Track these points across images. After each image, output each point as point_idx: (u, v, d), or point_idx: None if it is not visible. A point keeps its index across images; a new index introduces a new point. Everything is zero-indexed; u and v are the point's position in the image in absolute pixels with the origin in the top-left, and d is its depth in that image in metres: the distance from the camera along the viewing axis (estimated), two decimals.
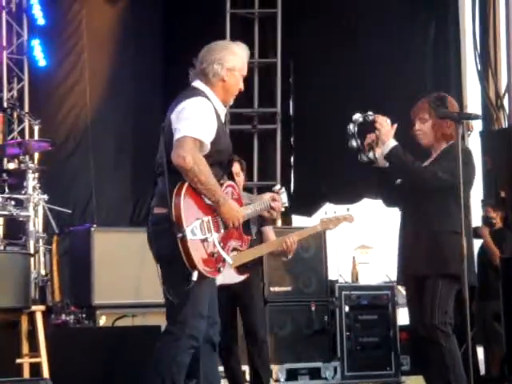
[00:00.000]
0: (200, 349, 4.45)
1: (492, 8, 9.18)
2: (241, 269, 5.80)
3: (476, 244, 8.00)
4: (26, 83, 9.40)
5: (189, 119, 4.30)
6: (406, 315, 5.47)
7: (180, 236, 4.19)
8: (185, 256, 4.21)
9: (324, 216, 5.96)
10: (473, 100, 9.30)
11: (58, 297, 7.24)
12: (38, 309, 5.78)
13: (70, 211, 8.23)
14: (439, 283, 5.00)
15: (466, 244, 4.71)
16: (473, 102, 9.28)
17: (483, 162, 8.48)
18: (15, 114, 9.16)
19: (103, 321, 7.17)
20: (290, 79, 10.90)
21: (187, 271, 4.22)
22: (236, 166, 5.93)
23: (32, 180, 7.04)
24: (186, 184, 4.27)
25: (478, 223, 8.32)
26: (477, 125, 8.85)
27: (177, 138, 4.27)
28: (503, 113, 9.05)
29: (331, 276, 8.24)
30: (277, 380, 7.65)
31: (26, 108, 9.24)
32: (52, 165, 8.24)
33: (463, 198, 4.74)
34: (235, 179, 4.72)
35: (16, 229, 7.29)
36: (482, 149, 8.55)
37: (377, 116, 5.08)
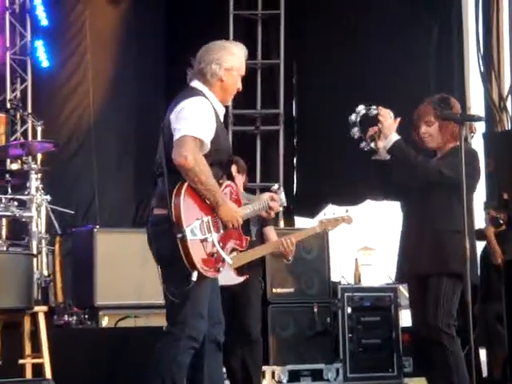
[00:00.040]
0: (204, 349, 4.45)
1: (495, 9, 9.17)
2: (240, 270, 5.80)
3: (479, 246, 7.99)
4: (29, 84, 9.39)
5: (188, 119, 4.29)
6: (409, 317, 5.47)
7: (180, 236, 4.19)
8: (184, 256, 4.21)
9: (323, 217, 5.94)
10: (476, 102, 9.29)
11: (61, 297, 7.24)
12: (41, 309, 5.78)
13: (73, 212, 8.23)
14: (443, 282, 4.98)
15: (469, 243, 4.71)
16: (476, 104, 9.27)
17: (486, 164, 8.47)
18: (18, 115, 9.15)
19: (106, 322, 7.17)
20: (293, 80, 10.88)
21: (187, 271, 4.22)
22: (232, 168, 5.91)
23: (35, 181, 7.04)
24: (186, 184, 4.26)
25: (481, 225, 8.29)
26: (480, 126, 8.85)
27: (177, 138, 4.26)
28: (506, 114, 9.03)
29: (334, 277, 8.23)
30: (279, 381, 7.64)
31: (29, 109, 9.23)
32: (55, 165, 8.24)
33: (466, 199, 4.73)
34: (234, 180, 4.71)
35: (19, 229, 7.29)
36: (485, 151, 8.54)
37: (380, 108, 5.05)
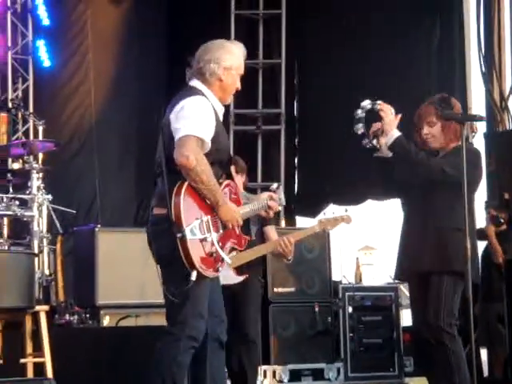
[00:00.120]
0: (207, 347, 4.45)
1: (497, 9, 9.17)
2: (240, 269, 5.80)
3: (480, 245, 7.99)
4: (31, 83, 9.41)
5: (189, 118, 4.28)
6: (410, 316, 5.47)
7: (179, 236, 4.18)
8: (184, 256, 4.20)
9: (322, 217, 5.94)
10: (477, 102, 9.30)
11: (62, 297, 7.24)
12: (42, 309, 5.78)
13: (75, 211, 8.24)
14: (444, 280, 4.98)
15: (470, 243, 4.71)
16: (477, 104, 9.28)
17: (487, 164, 8.47)
18: (20, 115, 9.17)
19: (107, 321, 7.18)
20: (295, 80, 10.88)
21: (186, 271, 4.21)
22: (231, 168, 5.91)
23: (36, 180, 7.04)
24: (186, 183, 4.26)
25: (482, 224, 8.30)
26: (481, 126, 8.86)
27: (179, 138, 4.25)
28: (507, 114, 9.03)
29: (335, 277, 8.23)
30: (280, 381, 7.64)
31: (31, 108, 9.25)
32: (56, 165, 8.25)
33: (467, 198, 4.73)
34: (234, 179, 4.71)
35: (20, 229, 7.30)
36: (486, 150, 8.54)
37: (381, 104, 5.04)
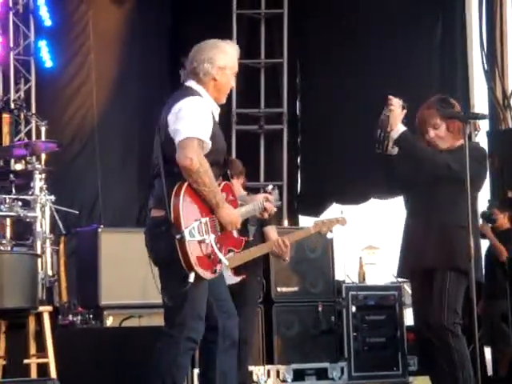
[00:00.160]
0: (218, 344, 4.45)
1: (499, 8, 9.16)
2: (237, 270, 5.79)
3: (484, 243, 7.99)
4: (33, 84, 9.42)
5: (189, 119, 4.27)
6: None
7: (178, 237, 4.17)
8: (182, 257, 4.19)
9: (317, 219, 5.94)
10: (480, 100, 9.29)
11: (65, 297, 7.25)
12: (46, 309, 5.78)
13: (77, 212, 8.24)
14: (447, 276, 4.97)
15: (474, 242, 4.70)
16: (479, 102, 9.27)
17: (490, 162, 8.46)
18: (22, 115, 9.18)
19: (110, 321, 7.17)
20: (297, 79, 10.88)
21: (184, 273, 4.20)
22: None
23: (39, 181, 7.03)
24: (186, 184, 4.24)
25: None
26: (484, 125, 8.85)
27: (180, 140, 4.23)
28: (510, 112, 9.02)
29: (338, 276, 8.22)
30: (284, 380, 7.64)
31: (33, 109, 9.25)
32: (59, 166, 8.25)
33: (471, 196, 4.72)
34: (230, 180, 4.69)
35: (23, 229, 7.29)
36: (489, 149, 8.53)
37: (390, 98, 5.02)
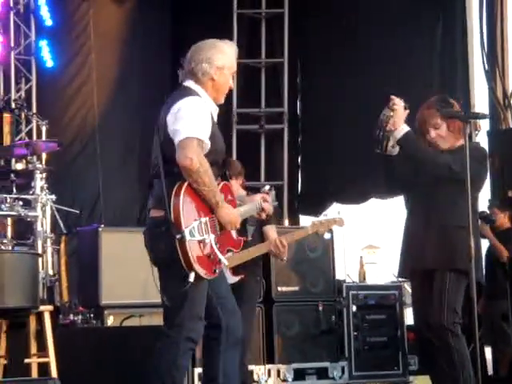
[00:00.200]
0: (221, 342, 4.45)
1: (499, 8, 9.16)
2: (236, 270, 5.79)
3: (484, 244, 7.99)
4: (34, 84, 9.42)
5: (188, 119, 4.27)
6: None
7: (179, 237, 4.17)
8: (182, 257, 4.19)
9: (315, 219, 5.93)
10: (480, 99, 9.29)
11: (66, 297, 7.25)
12: (46, 309, 5.79)
13: (78, 211, 8.25)
14: (447, 277, 4.98)
15: (474, 242, 4.70)
16: (480, 102, 9.27)
17: (490, 162, 8.46)
18: (23, 115, 9.18)
19: (111, 321, 7.18)
20: (298, 79, 10.88)
21: (184, 272, 4.19)
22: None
23: (40, 180, 7.03)
24: (185, 184, 4.24)
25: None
26: (484, 124, 8.85)
27: (180, 140, 4.23)
28: (511, 112, 9.03)
29: (338, 276, 8.22)
30: (284, 380, 7.65)
31: (34, 109, 9.26)
32: (59, 165, 8.26)
33: (471, 197, 4.72)
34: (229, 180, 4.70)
35: (24, 229, 7.30)
36: (490, 148, 8.53)
37: (393, 98, 5.01)
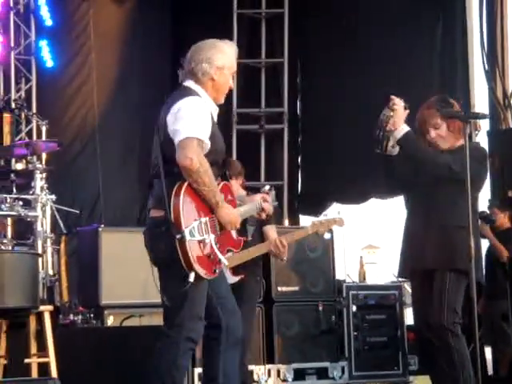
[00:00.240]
0: (221, 342, 4.45)
1: (499, 7, 9.16)
2: (236, 270, 5.79)
3: (484, 244, 7.99)
4: (34, 84, 9.42)
5: (188, 119, 4.27)
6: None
7: (179, 237, 4.17)
8: (182, 257, 4.19)
9: (315, 219, 5.93)
10: (480, 99, 9.29)
11: (66, 297, 7.25)
12: (46, 309, 5.79)
13: (78, 211, 8.25)
14: (447, 277, 4.98)
15: (474, 242, 4.71)
16: (480, 102, 9.27)
17: (491, 162, 8.46)
18: (23, 115, 9.18)
19: (111, 321, 7.18)
20: (298, 79, 10.89)
21: (184, 273, 4.19)
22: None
23: (40, 180, 7.03)
24: (185, 184, 4.24)
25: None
26: (484, 124, 8.85)
27: (180, 140, 4.23)
28: (511, 112, 9.03)
29: (338, 276, 8.22)
30: (284, 380, 7.65)
31: (34, 108, 9.26)
32: (59, 165, 8.26)
33: (471, 197, 4.72)
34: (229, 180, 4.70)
35: (24, 229, 7.30)
36: (490, 148, 8.53)
37: (392, 97, 5.01)
